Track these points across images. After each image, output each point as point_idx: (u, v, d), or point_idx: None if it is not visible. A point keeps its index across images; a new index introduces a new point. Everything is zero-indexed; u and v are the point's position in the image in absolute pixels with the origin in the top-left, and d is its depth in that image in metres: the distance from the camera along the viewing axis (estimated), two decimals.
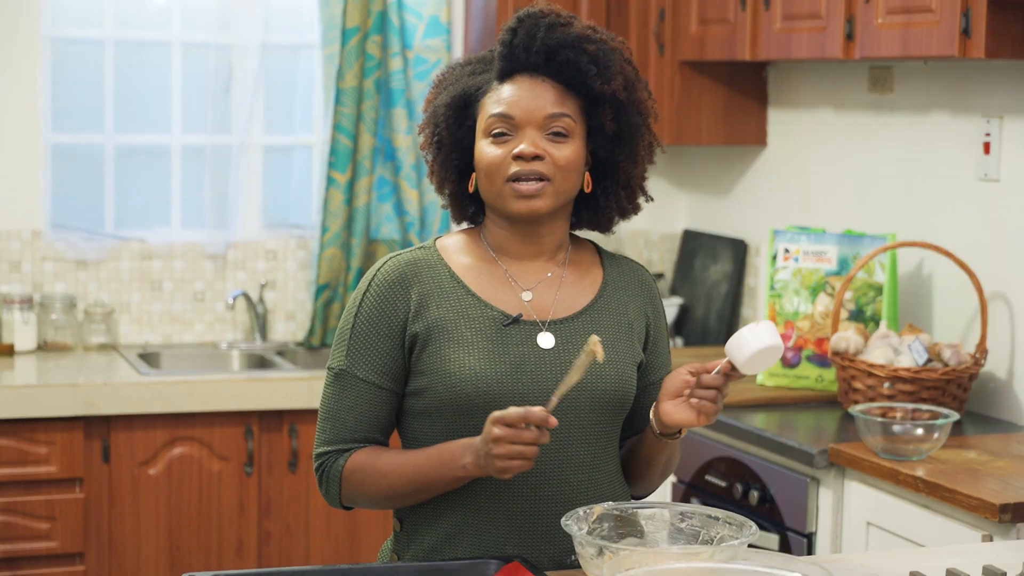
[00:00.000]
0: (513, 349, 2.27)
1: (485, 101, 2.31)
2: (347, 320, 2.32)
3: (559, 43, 2.28)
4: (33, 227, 4.61)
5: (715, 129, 4.55)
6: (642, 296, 2.40)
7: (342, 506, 2.35)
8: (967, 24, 3.31)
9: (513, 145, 2.27)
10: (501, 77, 2.31)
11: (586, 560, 2.10)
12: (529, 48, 2.28)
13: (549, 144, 2.27)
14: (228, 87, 4.78)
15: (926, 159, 3.93)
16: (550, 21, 2.30)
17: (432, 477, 2.25)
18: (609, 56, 2.30)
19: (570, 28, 2.31)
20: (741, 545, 2.07)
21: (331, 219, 4.72)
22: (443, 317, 2.28)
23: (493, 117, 2.28)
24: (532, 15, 2.31)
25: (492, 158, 2.28)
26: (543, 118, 2.27)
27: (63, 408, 4.08)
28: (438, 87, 2.39)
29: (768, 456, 3.50)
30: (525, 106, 2.27)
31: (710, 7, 4.27)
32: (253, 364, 4.74)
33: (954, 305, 3.83)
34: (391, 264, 2.33)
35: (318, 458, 2.33)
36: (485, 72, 2.35)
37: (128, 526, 4.20)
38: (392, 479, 2.27)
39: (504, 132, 2.28)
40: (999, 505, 2.86)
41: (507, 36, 2.31)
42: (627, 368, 2.33)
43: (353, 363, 2.29)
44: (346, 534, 4.39)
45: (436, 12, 4.81)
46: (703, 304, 4.76)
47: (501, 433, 2.12)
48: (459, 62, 2.41)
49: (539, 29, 2.29)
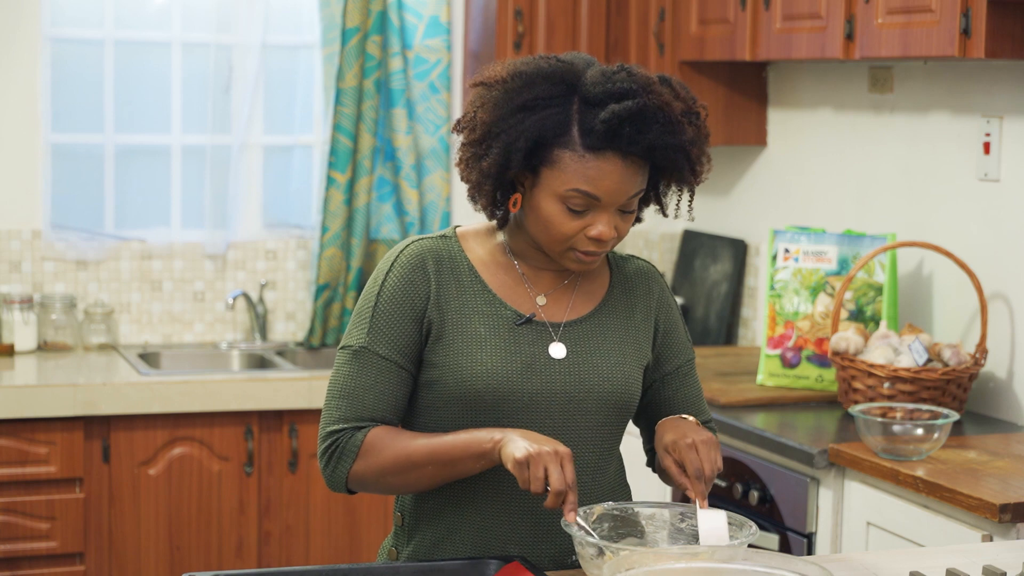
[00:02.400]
0: (525, 349, 2.27)
1: (566, 161, 2.19)
2: (368, 299, 2.29)
3: (668, 147, 2.19)
4: (33, 227, 4.61)
5: (715, 129, 4.54)
6: (649, 294, 2.40)
7: (346, 489, 2.29)
8: (967, 24, 3.31)
9: (588, 221, 2.21)
10: (592, 147, 2.18)
11: (586, 560, 2.10)
12: (635, 142, 2.17)
13: (620, 220, 2.23)
14: (228, 87, 4.78)
15: (926, 159, 3.93)
16: (664, 119, 2.18)
17: (456, 450, 2.20)
18: (703, 151, 2.25)
19: (682, 130, 2.20)
20: (741, 545, 2.07)
21: (331, 219, 4.72)
22: (459, 310, 2.28)
23: (576, 192, 2.19)
24: (644, 111, 2.17)
25: (565, 230, 2.22)
26: (626, 200, 2.22)
27: (63, 408, 4.08)
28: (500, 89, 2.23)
29: (768, 456, 3.50)
30: (614, 190, 2.19)
31: (710, 7, 4.27)
32: (253, 364, 4.74)
33: (954, 305, 3.83)
34: (415, 247, 2.30)
35: (330, 436, 2.26)
36: (563, 107, 2.19)
37: (128, 526, 4.20)
38: (412, 451, 2.22)
39: (582, 208, 2.21)
40: (999, 505, 2.86)
41: (614, 117, 2.16)
42: (632, 371, 2.33)
43: (374, 341, 2.26)
44: (346, 534, 4.39)
45: (436, 12, 4.81)
46: (703, 304, 4.76)
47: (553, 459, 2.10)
48: (526, 72, 2.22)
49: (651, 129, 2.17)
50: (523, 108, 2.19)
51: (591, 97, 2.18)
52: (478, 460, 2.20)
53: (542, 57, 2.26)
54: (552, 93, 2.19)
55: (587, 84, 2.19)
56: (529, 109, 2.19)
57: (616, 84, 2.18)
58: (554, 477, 2.09)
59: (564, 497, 2.10)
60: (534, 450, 2.10)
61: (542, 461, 2.10)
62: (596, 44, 4.69)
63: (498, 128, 2.21)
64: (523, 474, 2.11)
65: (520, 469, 2.11)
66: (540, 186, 2.22)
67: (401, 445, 2.23)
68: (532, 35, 4.65)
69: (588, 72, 2.21)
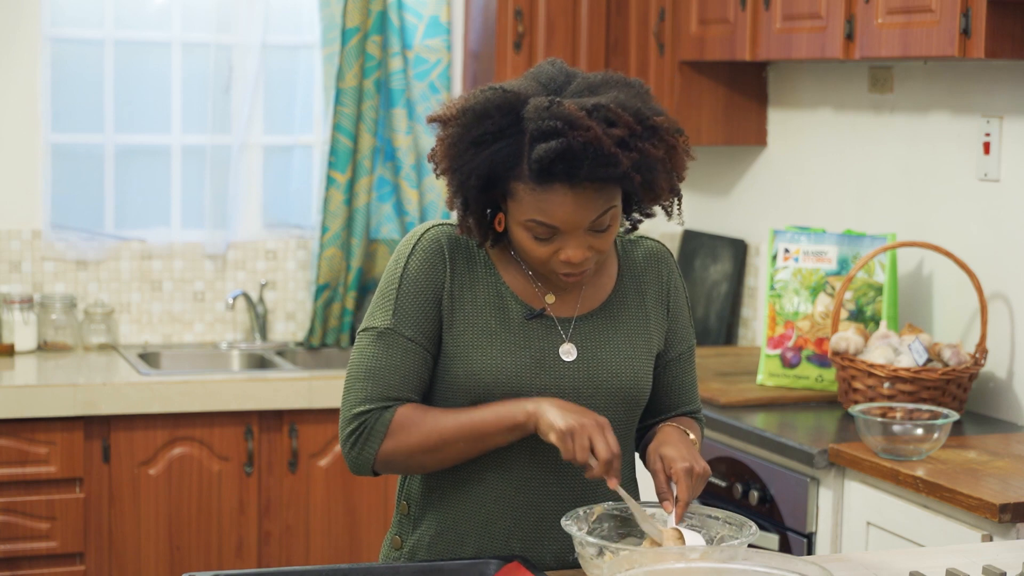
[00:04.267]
0: (535, 344, 2.28)
1: (520, 193, 2.17)
2: (391, 280, 2.29)
3: (605, 178, 2.15)
4: (33, 227, 4.61)
5: (715, 129, 4.55)
6: (659, 279, 2.40)
7: (372, 471, 2.28)
8: (967, 24, 3.31)
9: (557, 246, 2.20)
10: (538, 181, 2.15)
11: (586, 560, 2.10)
12: (573, 175, 2.13)
13: (594, 238, 2.21)
14: (228, 87, 4.78)
15: (926, 159, 3.93)
16: (593, 153, 2.11)
17: (487, 424, 2.21)
18: (656, 172, 2.18)
19: (615, 162, 2.12)
20: (741, 545, 2.07)
21: (331, 219, 4.72)
22: (471, 301, 2.28)
23: (534, 222, 2.18)
24: (571, 149, 2.11)
25: (538, 255, 2.22)
26: (589, 223, 2.19)
27: (63, 408, 4.08)
28: (453, 126, 2.21)
29: (768, 456, 3.50)
30: (568, 218, 2.17)
31: (710, 7, 4.27)
32: (253, 364, 4.74)
33: (954, 305, 3.83)
34: (435, 232, 2.31)
35: (357, 417, 2.25)
36: (513, 138, 2.16)
37: (128, 526, 4.20)
38: (444, 428, 2.22)
39: (547, 236, 2.20)
40: (999, 505, 2.86)
41: (543, 158, 2.12)
42: (643, 364, 2.34)
43: (400, 323, 2.26)
44: (346, 534, 4.39)
45: (436, 12, 4.81)
46: (703, 304, 4.76)
47: (596, 430, 2.13)
48: (475, 107, 2.19)
49: (582, 165, 2.12)
50: (475, 144, 2.18)
51: (530, 132, 2.16)
52: (511, 432, 2.22)
53: (491, 88, 2.22)
54: (502, 126, 2.17)
55: (525, 119, 2.17)
56: (480, 144, 2.18)
57: (544, 122, 2.13)
58: (600, 447, 2.13)
59: (611, 465, 2.14)
60: (576, 421, 2.14)
61: (586, 431, 2.14)
62: (596, 44, 4.69)
63: (455, 164, 2.21)
64: (567, 444, 2.14)
65: (564, 440, 2.14)
66: (509, 214, 2.23)
67: (432, 422, 2.24)
68: (532, 35, 4.65)
69: (528, 106, 2.17)
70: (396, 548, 2.37)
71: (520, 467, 2.28)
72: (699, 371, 2.54)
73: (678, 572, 1.93)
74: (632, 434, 2.38)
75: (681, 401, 2.44)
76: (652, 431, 2.40)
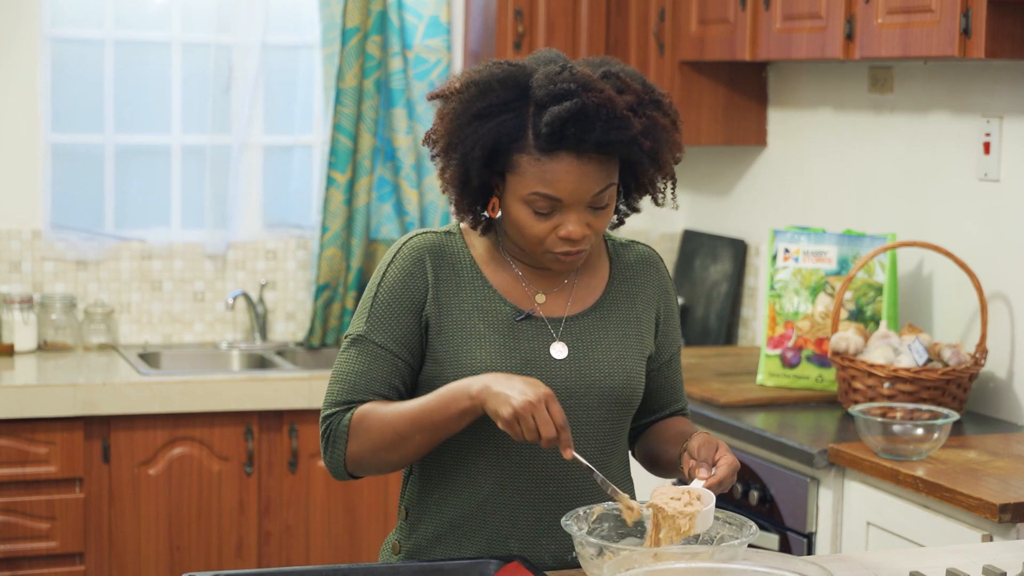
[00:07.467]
0: (524, 345, 2.29)
1: (524, 165, 2.19)
2: (370, 290, 2.32)
3: (616, 142, 2.18)
4: (33, 227, 4.61)
5: (715, 129, 4.55)
6: (650, 283, 2.41)
7: (347, 474, 2.29)
8: (967, 24, 3.31)
9: (557, 222, 2.22)
10: (545, 150, 2.18)
11: (586, 560, 2.10)
12: (582, 139, 2.16)
13: (592, 216, 2.23)
14: (228, 87, 4.78)
15: (926, 159, 3.93)
16: (606, 115, 2.15)
17: (436, 414, 2.20)
18: (662, 141, 2.22)
19: (628, 125, 2.17)
20: (741, 545, 2.07)
21: (331, 219, 4.72)
22: (458, 306, 2.29)
23: (536, 195, 2.19)
24: (585, 110, 2.15)
25: (536, 232, 2.23)
26: (591, 197, 2.21)
27: (63, 408, 4.08)
28: (456, 101, 2.23)
29: (768, 456, 3.50)
30: (573, 189, 2.19)
31: (710, 7, 4.27)
32: (253, 364, 4.74)
33: (954, 305, 3.83)
34: (416, 241, 2.32)
35: (324, 420, 2.29)
36: (517, 111, 2.20)
37: (128, 526, 4.20)
38: (396, 423, 2.22)
39: (548, 210, 2.21)
40: (999, 505, 2.86)
41: (555, 120, 2.15)
42: (635, 365, 2.34)
43: (372, 330, 2.28)
44: (346, 534, 4.39)
45: (436, 12, 4.81)
46: (703, 304, 4.76)
47: (538, 407, 2.11)
48: (479, 80, 2.22)
49: (594, 127, 2.15)
50: (478, 116, 2.20)
51: (538, 100, 2.18)
52: (462, 418, 2.20)
53: (495, 63, 2.25)
54: (506, 99, 2.20)
55: (534, 87, 2.20)
56: (484, 117, 2.20)
57: (557, 86, 2.17)
58: (543, 427, 2.11)
59: (558, 439, 2.12)
60: (518, 403, 2.11)
61: (528, 412, 2.11)
62: (596, 44, 4.69)
63: (456, 139, 2.22)
64: (515, 430, 2.13)
65: (511, 427, 2.13)
66: (508, 191, 2.24)
67: (384, 419, 2.24)
68: (532, 35, 4.65)
69: (536, 75, 2.21)
70: (395, 552, 2.37)
71: (515, 467, 2.28)
72: (699, 371, 2.55)
73: (678, 572, 1.93)
74: (624, 434, 2.38)
75: (672, 400, 2.47)
76: (654, 428, 2.42)
